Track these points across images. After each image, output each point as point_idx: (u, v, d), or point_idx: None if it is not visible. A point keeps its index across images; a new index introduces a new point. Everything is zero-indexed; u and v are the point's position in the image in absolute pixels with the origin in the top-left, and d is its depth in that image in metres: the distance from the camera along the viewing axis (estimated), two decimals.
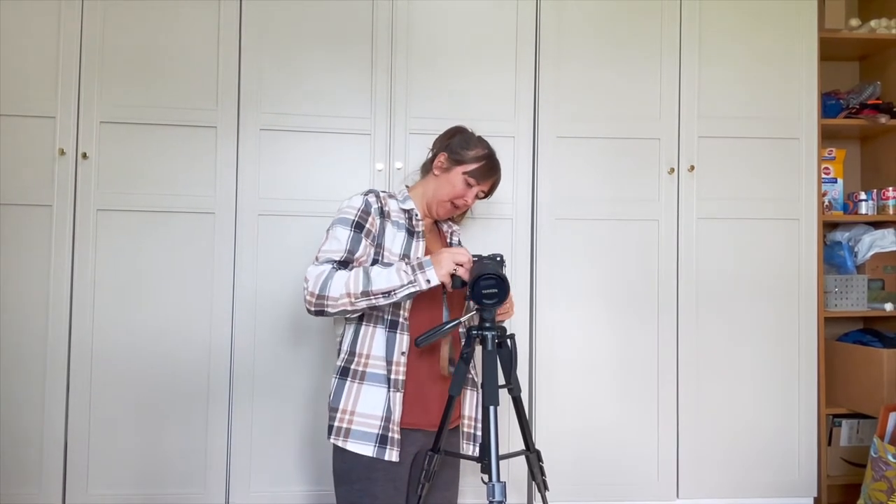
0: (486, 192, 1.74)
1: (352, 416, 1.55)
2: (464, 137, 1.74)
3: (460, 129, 1.78)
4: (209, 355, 2.16)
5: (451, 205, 1.69)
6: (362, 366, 1.57)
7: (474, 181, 1.67)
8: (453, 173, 1.67)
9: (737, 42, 2.39)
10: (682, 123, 2.35)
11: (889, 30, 2.56)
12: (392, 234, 1.61)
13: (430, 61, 2.28)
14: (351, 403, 1.56)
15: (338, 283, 1.47)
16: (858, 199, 2.59)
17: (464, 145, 1.70)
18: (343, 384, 1.58)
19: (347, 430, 1.54)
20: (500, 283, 1.42)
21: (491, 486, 1.34)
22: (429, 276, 1.45)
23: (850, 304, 2.51)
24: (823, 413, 2.40)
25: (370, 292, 1.45)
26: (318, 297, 1.48)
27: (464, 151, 1.69)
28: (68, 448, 2.10)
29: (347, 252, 1.54)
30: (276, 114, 2.21)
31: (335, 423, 1.56)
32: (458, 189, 1.67)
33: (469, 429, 1.68)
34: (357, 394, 1.56)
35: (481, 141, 1.75)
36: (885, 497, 2.07)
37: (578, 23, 2.34)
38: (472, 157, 1.68)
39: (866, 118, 2.54)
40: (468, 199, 1.69)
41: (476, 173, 1.67)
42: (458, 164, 1.67)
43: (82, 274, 2.12)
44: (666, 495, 2.30)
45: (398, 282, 1.45)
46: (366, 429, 1.53)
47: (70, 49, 2.14)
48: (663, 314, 2.32)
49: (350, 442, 1.54)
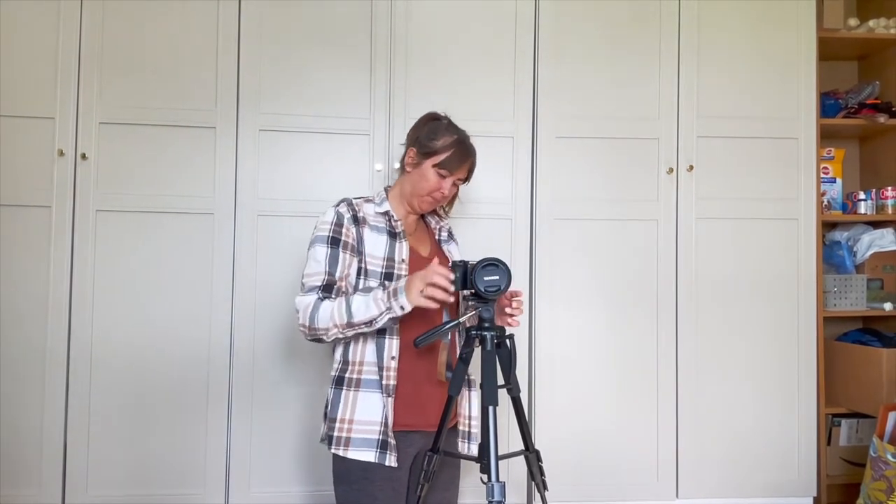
0: (464, 179, 1.68)
1: (351, 425, 1.54)
2: (431, 128, 1.66)
3: (429, 118, 1.71)
4: (209, 355, 2.16)
5: (429, 198, 1.64)
6: (356, 373, 1.57)
7: (446, 172, 1.60)
8: (424, 167, 1.61)
9: (735, 42, 2.39)
10: (680, 123, 2.35)
11: (888, 29, 2.56)
12: (372, 239, 1.60)
13: (428, 62, 2.28)
14: (349, 412, 1.55)
15: (324, 315, 1.49)
16: (857, 198, 2.59)
17: (431, 136, 1.63)
18: (339, 394, 1.58)
19: (348, 439, 1.54)
20: (502, 269, 1.41)
21: (490, 486, 1.34)
22: (402, 303, 1.44)
23: (849, 304, 2.51)
24: (823, 413, 2.40)
25: (353, 323, 1.48)
26: (311, 328, 1.51)
27: (431, 143, 1.62)
28: (68, 448, 2.10)
29: (327, 274, 1.54)
30: (275, 114, 2.21)
31: (335, 434, 1.55)
32: (432, 183, 1.61)
33: (464, 427, 1.68)
34: (354, 402, 1.56)
35: (450, 127, 1.66)
36: (884, 496, 2.07)
37: (577, 22, 2.34)
38: (441, 147, 1.61)
39: (865, 118, 2.54)
40: (444, 190, 1.63)
41: (447, 164, 1.60)
42: (428, 156, 1.61)
43: (82, 275, 2.12)
44: (666, 495, 2.30)
45: (376, 311, 1.46)
46: (366, 435, 1.53)
47: (69, 50, 2.14)
48: (662, 314, 2.32)
49: (351, 450, 1.53)
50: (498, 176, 2.29)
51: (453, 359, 1.63)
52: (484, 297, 1.44)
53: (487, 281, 1.42)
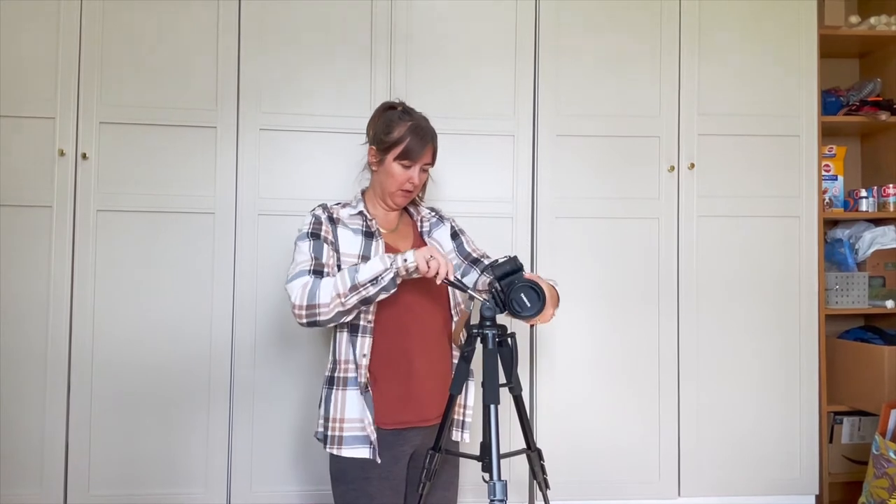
0: (430, 163, 1.67)
1: (341, 424, 1.56)
2: (384, 120, 1.64)
3: (382, 110, 1.70)
4: (210, 355, 2.16)
5: (401, 192, 1.64)
6: (342, 372, 1.59)
7: (409, 161, 1.60)
8: (387, 163, 1.61)
9: (736, 39, 2.38)
10: (681, 121, 2.35)
11: (889, 27, 2.56)
12: (347, 238, 1.61)
13: (429, 60, 2.27)
14: (339, 411, 1.57)
15: (325, 288, 1.47)
16: (859, 196, 2.58)
17: (387, 130, 1.62)
18: (330, 393, 1.60)
19: (341, 437, 1.56)
20: (538, 294, 1.43)
21: (492, 484, 1.34)
22: (406, 257, 1.45)
23: (850, 302, 2.51)
24: (825, 410, 2.40)
25: (358, 284, 1.45)
26: (308, 307, 1.48)
27: (388, 136, 1.61)
28: (69, 448, 2.10)
29: (314, 259, 1.55)
30: (276, 113, 2.21)
31: (328, 433, 1.58)
32: (398, 177, 1.61)
33: (459, 416, 1.67)
34: (343, 401, 1.57)
35: (403, 115, 1.64)
36: (886, 494, 2.07)
37: (577, 19, 2.33)
38: (398, 138, 1.59)
39: (866, 115, 2.53)
40: (414, 179, 1.62)
41: (407, 153, 1.59)
42: (387, 151, 1.61)
43: (82, 274, 2.12)
44: (667, 493, 2.30)
45: (381, 267, 1.45)
46: (356, 433, 1.55)
47: (69, 50, 2.14)
48: (664, 312, 2.32)
49: (346, 448, 1.55)
50: (499, 174, 2.29)
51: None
52: (513, 315, 1.46)
53: (523, 305, 1.44)
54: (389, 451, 1.56)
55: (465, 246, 1.77)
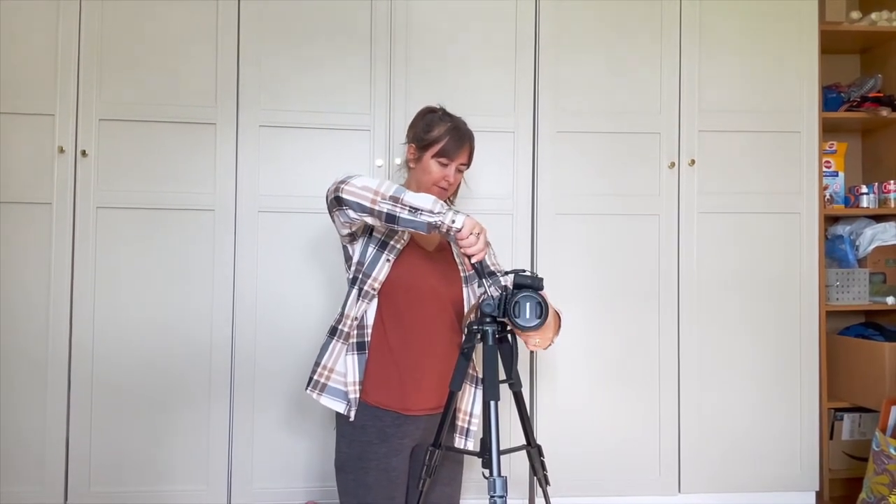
0: (466, 164, 1.71)
1: (329, 373, 1.60)
2: (426, 121, 1.70)
3: (424, 113, 1.75)
4: (210, 352, 2.16)
5: (437, 189, 1.67)
6: (347, 326, 1.61)
7: (446, 159, 1.65)
8: (425, 160, 1.66)
9: (737, 35, 2.38)
10: (682, 117, 2.34)
11: (890, 22, 2.55)
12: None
13: (429, 57, 2.27)
14: (331, 361, 1.61)
15: (367, 180, 1.48)
16: (860, 192, 2.58)
17: (426, 129, 1.68)
18: (329, 342, 1.63)
19: (324, 385, 1.60)
20: (540, 309, 1.42)
21: (492, 480, 1.34)
22: (455, 218, 1.44)
23: (851, 298, 2.50)
24: (825, 407, 2.40)
25: (399, 199, 1.44)
26: (343, 181, 1.49)
27: (428, 135, 1.66)
28: (70, 446, 2.10)
29: None
30: (276, 110, 2.21)
31: (314, 377, 1.62)
32: (435, 174, 1.65)
33: (463, 423, 1.68)
34: (338, 353, 1.61)
35: (444, 117, 1.70)
36: (887, 490, 2.07)
37: (577, 16, 2.33)
38: (437, 136, 1.65)
39: (867, 111, 2.53)
40: (450, 178, 1.67)
41: (445, 151, 1.64)
42: (426, 149, 1.66)
43: (82, 271, 2.12)
44: (668, 490, 2.30)
45: (429, 205, 1.44)
46: (339, 386, 1.60)
47: (69, 47, 2.14)
48: (664, 308, 2.32)
49: (324, 396, 1.60)
50: (499, 171, 2.29)
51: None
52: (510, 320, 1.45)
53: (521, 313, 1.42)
54: (387, 443, 1.57)
55: (487, 258, 1.79)
